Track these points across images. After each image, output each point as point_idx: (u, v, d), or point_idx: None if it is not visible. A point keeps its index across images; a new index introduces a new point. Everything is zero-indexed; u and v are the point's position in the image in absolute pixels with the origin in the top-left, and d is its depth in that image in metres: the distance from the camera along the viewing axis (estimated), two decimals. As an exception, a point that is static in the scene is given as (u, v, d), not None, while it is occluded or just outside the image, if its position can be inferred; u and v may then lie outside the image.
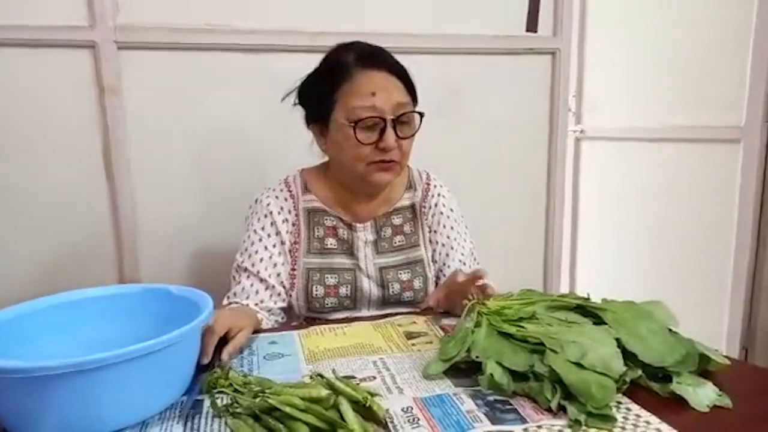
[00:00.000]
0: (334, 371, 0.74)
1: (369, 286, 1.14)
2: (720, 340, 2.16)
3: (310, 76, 1.12)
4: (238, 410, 0.67)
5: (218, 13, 1.55)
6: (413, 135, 1.08)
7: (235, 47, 1.57)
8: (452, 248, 1.18)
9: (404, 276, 1.15)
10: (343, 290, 1.12)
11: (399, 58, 1.73)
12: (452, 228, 1.19)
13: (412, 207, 1.19)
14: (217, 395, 0.72)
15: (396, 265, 1.16)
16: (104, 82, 1.50)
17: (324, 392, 0.65)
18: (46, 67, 1.47)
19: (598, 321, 0.81)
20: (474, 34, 1.76)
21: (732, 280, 2.11)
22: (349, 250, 1.14)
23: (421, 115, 1.09)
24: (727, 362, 0.77)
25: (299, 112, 1.17)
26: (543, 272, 1.96)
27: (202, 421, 0.68)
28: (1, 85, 1.44)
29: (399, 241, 1.17)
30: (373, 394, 0.69)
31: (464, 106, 1.81)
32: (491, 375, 0.73)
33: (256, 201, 1.16)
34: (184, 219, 1.62)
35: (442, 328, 0.96)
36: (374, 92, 1.03)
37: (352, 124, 1.02)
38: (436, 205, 1.19)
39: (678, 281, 2.25)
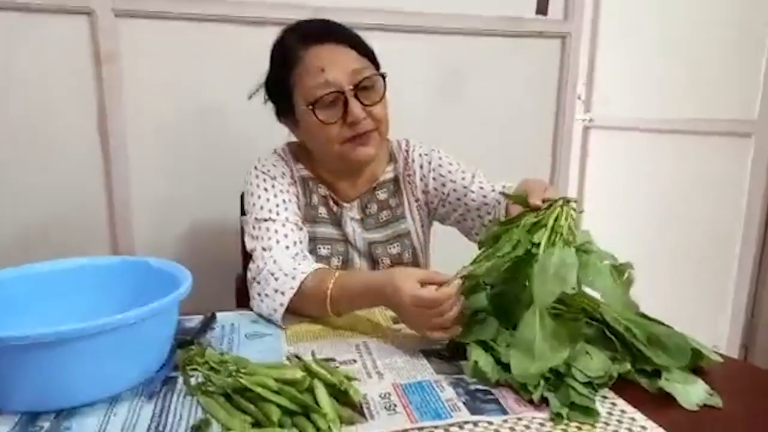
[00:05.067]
0: (312, 353, 0.72)
1: (359, 260, 1.11)
2: (721, 335, 2.13)
3: (269, 70, 1.07)
4: (211, 389, 0.65)
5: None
6: (382, 99, 1.01)
7: (236, 19, 1.53)
8: (464, 186, 1.11)
9: (393, 250, 1.12)
10: (334, 261, 1.09)
11: (401, 36, 1.72)
12: (450, 172, 1.13)
13: (396, 179, 1.15)
14: (191, 373, 0.70)
15: (384, 240, 1.12)
16: (101, 51, 1.47)
17: (299, 374, 0.63)
18: (41, 33, 1.44)
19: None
20: (480, 14, 1.71)
21: (736, 276, 2.08)
22: (337, 223, 1.11)
23: (383, 76, 1.02)
24: (720, 359, 0.75)
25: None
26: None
27: (174, 398, 0.66)
28: (-6, 50, 1.41)
29: (385, 216, 1.13)
30: (350, 378, 0.67)
31: (467, 90, 1.77)
32: (475, 362, 0.71)
33: (255, 168, 1.08)
34: (180, 190, 1.60)
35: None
36: (323, 67, 0.97)
37: (311, 107, 0.98)
38: (421, 166, 1.14)
39: (683, 275, 2.22)
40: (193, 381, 0.69)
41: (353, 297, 0.87)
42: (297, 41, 1.01)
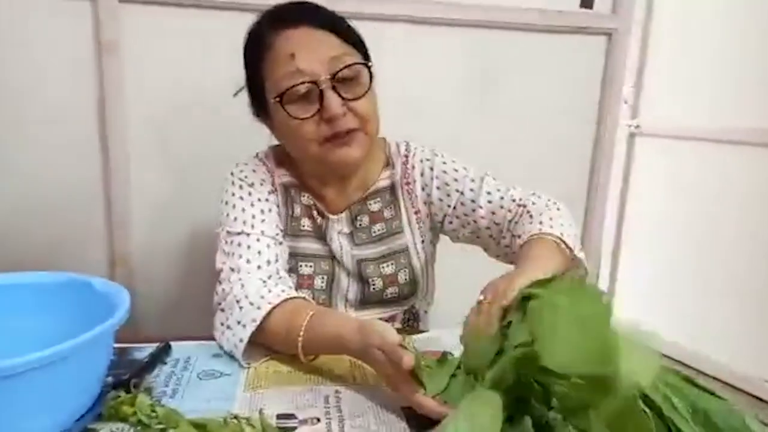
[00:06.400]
0: (261, 411, 0.58)
1: (347, 281, 0.96)
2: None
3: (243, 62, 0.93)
4: (129, 453, 0.53)
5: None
6: (366, 93, 0.85)
7: (244, 6, 1.41)
8: (473, 200, 0.94)
9: (387, 269, 0.96)
10: (318, 281, 0.95)
11: (429, 29, 1.56)
12: (456, 180, 0.96)
13: (392, 187, 0.98)
14: (116, 425, 0.58)
15: (376, 257, 0.97)
16: (103, 38, 1.38)
17: (230, 447, 0.50)
18: (42, 18, 1.36)
19: None
20: (518, 6, 1.54)
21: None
22: (322, 237, 0.96)
23: (368, 67, 0.86)
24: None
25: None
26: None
27: (86, 459, 0.54)
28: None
29: (379, 230, 0.97)
30: (300, 451, 0.54)
31: (499, 88, 1.61)
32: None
33: (231, 174, 0.96)
34: (182, 187, 1.50)
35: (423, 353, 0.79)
36: (293, 53, 0.82)
37: (278, 100, 0.84)
38: (423, 174, 0.98)
39: (733, 299, 1.99)
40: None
41: (324, 345, 0.73)
42: (267, 25, 0.87)
